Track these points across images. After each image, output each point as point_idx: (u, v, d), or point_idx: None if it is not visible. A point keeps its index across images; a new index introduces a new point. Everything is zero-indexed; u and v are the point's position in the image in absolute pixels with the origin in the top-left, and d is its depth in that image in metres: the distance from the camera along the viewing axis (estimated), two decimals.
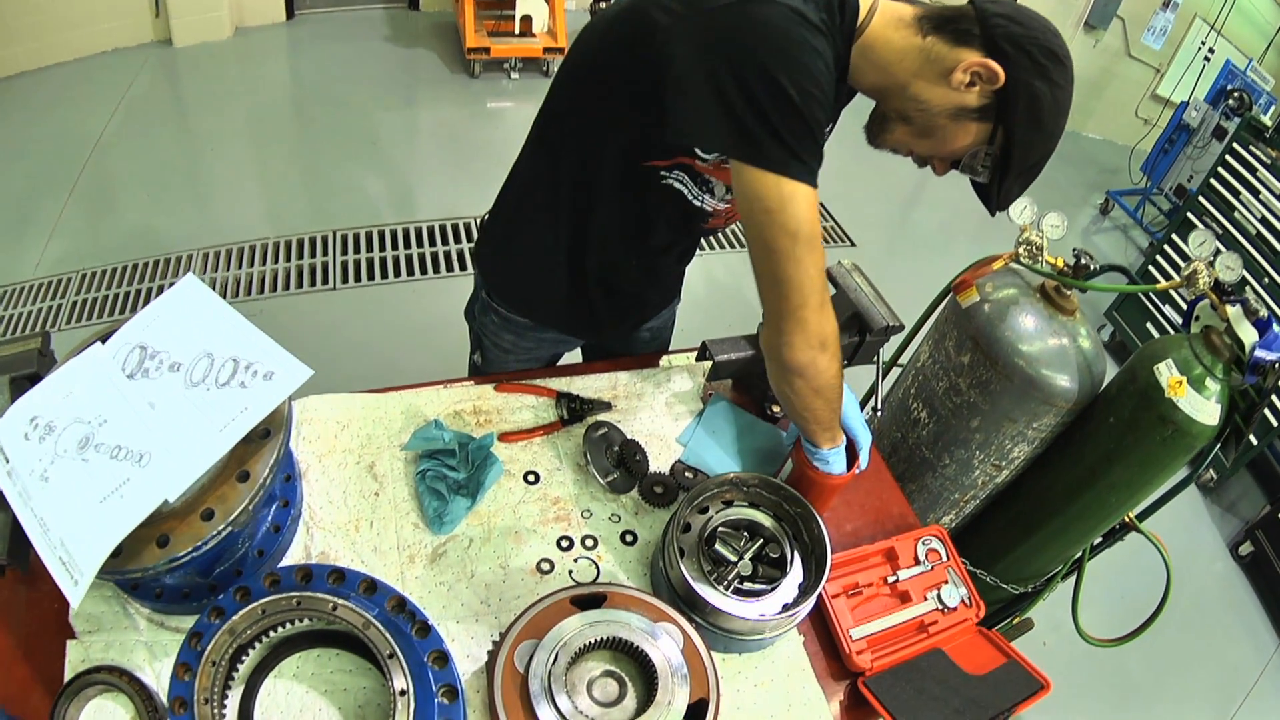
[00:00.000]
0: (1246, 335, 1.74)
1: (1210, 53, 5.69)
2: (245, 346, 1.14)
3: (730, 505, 1.43)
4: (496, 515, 1.44)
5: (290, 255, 3.74)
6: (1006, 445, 2.02)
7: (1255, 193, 3.66)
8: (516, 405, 1.63)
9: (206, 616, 1.07)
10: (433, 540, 1.39)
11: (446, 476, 1.42)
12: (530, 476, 1.51)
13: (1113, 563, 2.31)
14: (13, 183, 3.80)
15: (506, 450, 1.54)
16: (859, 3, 1.23)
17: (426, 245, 3.93)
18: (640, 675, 1.14)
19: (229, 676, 1.07)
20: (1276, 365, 1.68)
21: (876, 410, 1.66)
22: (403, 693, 1.03)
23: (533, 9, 5.10)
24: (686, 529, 1.38)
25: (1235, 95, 4.65)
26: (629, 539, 1.46)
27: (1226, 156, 3.79)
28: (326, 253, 3.79)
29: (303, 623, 1.11)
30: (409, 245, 3.92)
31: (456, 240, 3.98)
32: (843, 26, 1.21)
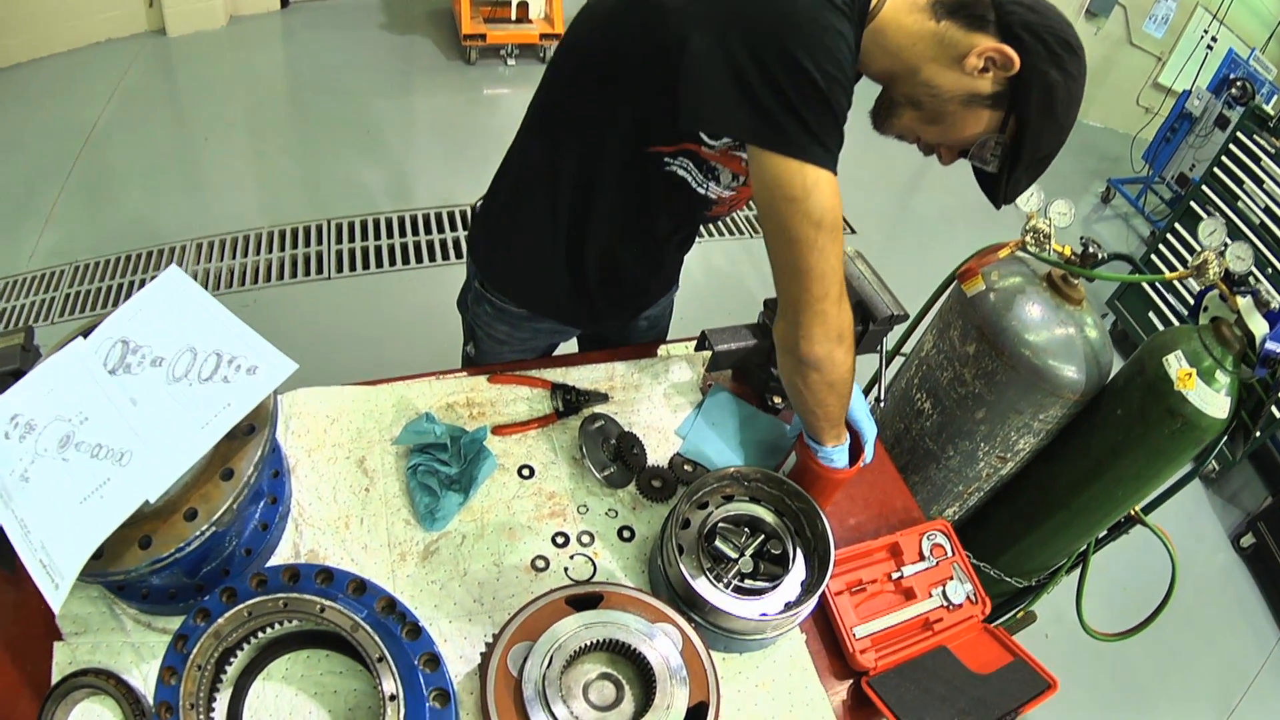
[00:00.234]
0: (1258, 327, 1.71)
1: (1213, 41, 5.65)
2: (228, 340, 1.11)
3: (731, 500, 1.39)
4: (490, 511, 1.41)
5: (285, 244, 3.71)
6: (1012, 437, 1.99)
7: (1259, 182, 3.64)
8: (510, 397, 1.59)
9: (192, 619, 1.05)
10: (424, 537, 1.35)
11: (438, 471, 1.38)
12: (525, 471, 1.48)
13: (1114, 555, 2.29)
14: (6, 175, 3.76)
15: (500, 444, 1.50)
16: None
17: (422, 233, 3.90)
18: (638, 678, 1.11)
19: (216, 679, 1.05)
20: None
21: (880, 401, 1.63)
22: (392, 697, 1.00)
23: None
24: (686, 525, 1.34)
25: (1238, 84, 4.61)
26: (626, 535, 1.43)
27: (1230, 146, 3.76)
28: (321, 242, 3.76)
29: (291, 623, 1.08)
30: (404, 233, 3.89)
31: (453, 228, 3.95)
32: (856, 9, 1.17)
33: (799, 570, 1.33)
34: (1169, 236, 4.01)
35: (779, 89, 1.04)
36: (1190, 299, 3.74)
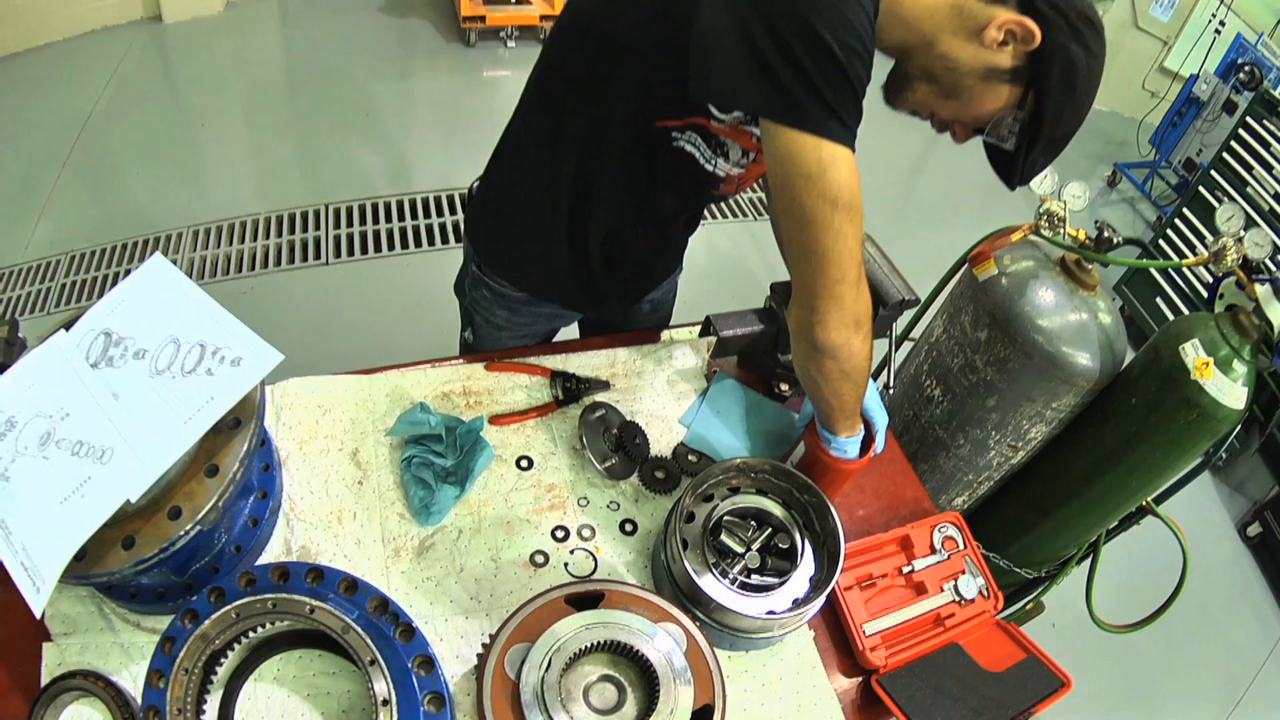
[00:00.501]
0: (1276, 315, 1.67)
1: (1221, 25, 5.58)
2: (213, 330, 1.07)
3: (737, 492, 1.35)
4: (487, 504, 1.36)
5: (282, 230, 3.67)
6: (1024, 426, 1.95)
7: (1269, 167, 3.59)
8: (508, 385, 1.54)
9: (179, 620, 1.01)
10: (419, 532, 1.31)
11: (433, 464, 1.34)
12: (523, 462, 1.43)
13: (1120, 544, 2.25)
14: (1, 167, 3.73)
15: (498, 434, 1.45)
16: None
17: (421, 217, 3.86)
18: (641, 679, 1.07)
19: (207, 681, 1.02)
20: None
21: (889, 388, 1.58)
22: (385, 702, 0.96)
23: None
24: (690, 518, 1.30)
25: (1246, 69, 4.56)
26: (628, 528, 1.38)
27: (1240, 130, 3.72)
28: (319, 227, 3.72)
29: (281, 623, 1.03)
30: (403, 218, 3.85)
31: (452, 211, 3.91)
32: None
33: (807, 565, 1.28)
34: (1177, 221, 3.96)
35: (794, 60, 0.98)
36: (1199, 285, 3.70)
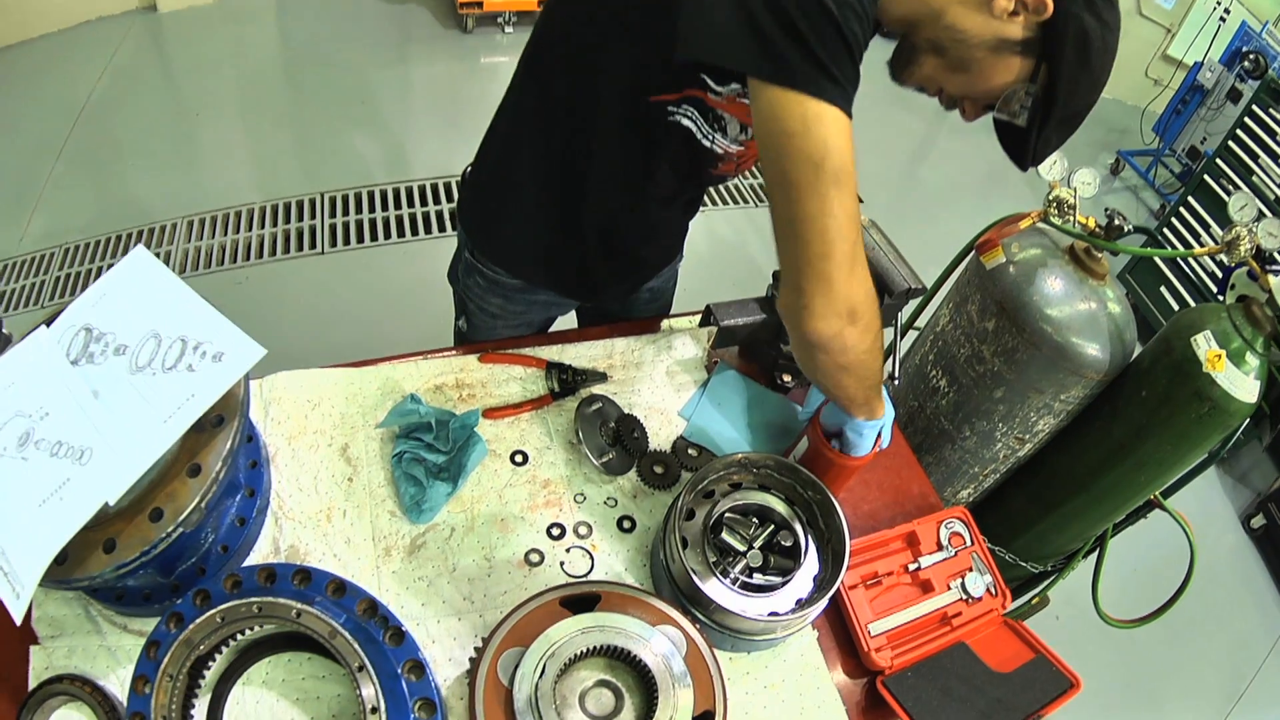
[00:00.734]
0: None
1: (1226, 13, 5.54)
2: (194, 324, 1.03)
3: (738, 488, 1.31)
4: (480, 501, 1.32)
5: (278, 219, 3.64)
6: (1031, 418, 1.91)
7: (1275, 156, 3.55)
8: (502, 377, 1.50)
9: (164, 624, 0.98)
10: (411, 530, 1.27)
11: (424, 459, 1.30)
12: (518, 457, 1.39)
13: (1124, 536, 2.23)
14: None
15: (491, 428, 1.41)
16: None
17: (418, 205, 3.83)
18: (639, 685, 1.03)
19: (194, 685, 1.00)
20: None
21: (894, 379, 1.53)
22: (374, 710, 0.92)
23: None
24: (690, 516, 1.26)
25: (1250, 57, 4.52)
26: (626, 525, 1.34)
27: (1245, 119, 3.68)
28: (315, 216, 3.69)
29: (267, 627, 1.00)
30: (400, 206, 3.81)
31: (449, 199, 3.87)
32: None
33: (811, 564, 1.24)
34: (1181, 210, 3.93)
35: (783, 13, 0.92)
36: (1204, 274, 3.67)
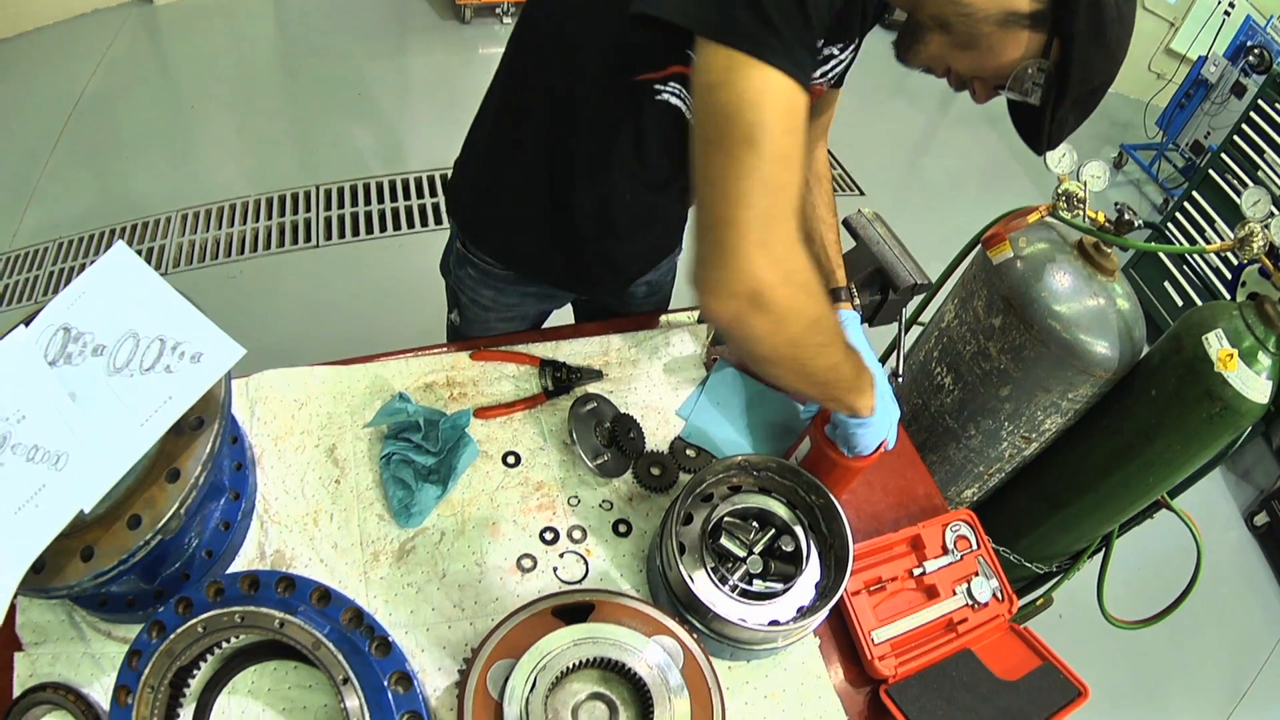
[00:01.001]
0: None
1: (1230, 7, 5.49)
2: (173, 323, 1.00)
3: (738, 491, 1.26)
4: (471, 504, 1.28)
5: (273, 213, 3.61)
6: (1038, 416, 1.87)
7: None
8: (494, 375, 1.46)
9: (146, 632, 0.95)
10: (399, 534, 1.23)
11: (413, 461, 1.25)
12: (510, 458, 1.35)
13: (1127, 535, 2.20)
14: None
15: (483, 428, 1.37)
16: None
17: (414, 197, 3.80)
18: (634, 697, 0.99)
19: (179, 694, 0.97)
20: None
21: (898, 376, 1.49)
22: None
23: None
24: (688, 520, 1.21)
25: (1255, 52, 4.49)
26: (622, 529, 1.30)
27: (1251, 113, 3.64)
28: (310, 209, 3.66)
29: (250, 636, 0.97)
30: (396, 198, 3.78)
31: (446, 191, 3.82)
32: None
33: (813, 570, 1.20)
34: (1186, 205, 3.88)
35: None
36: (1209, 270, 3.63)
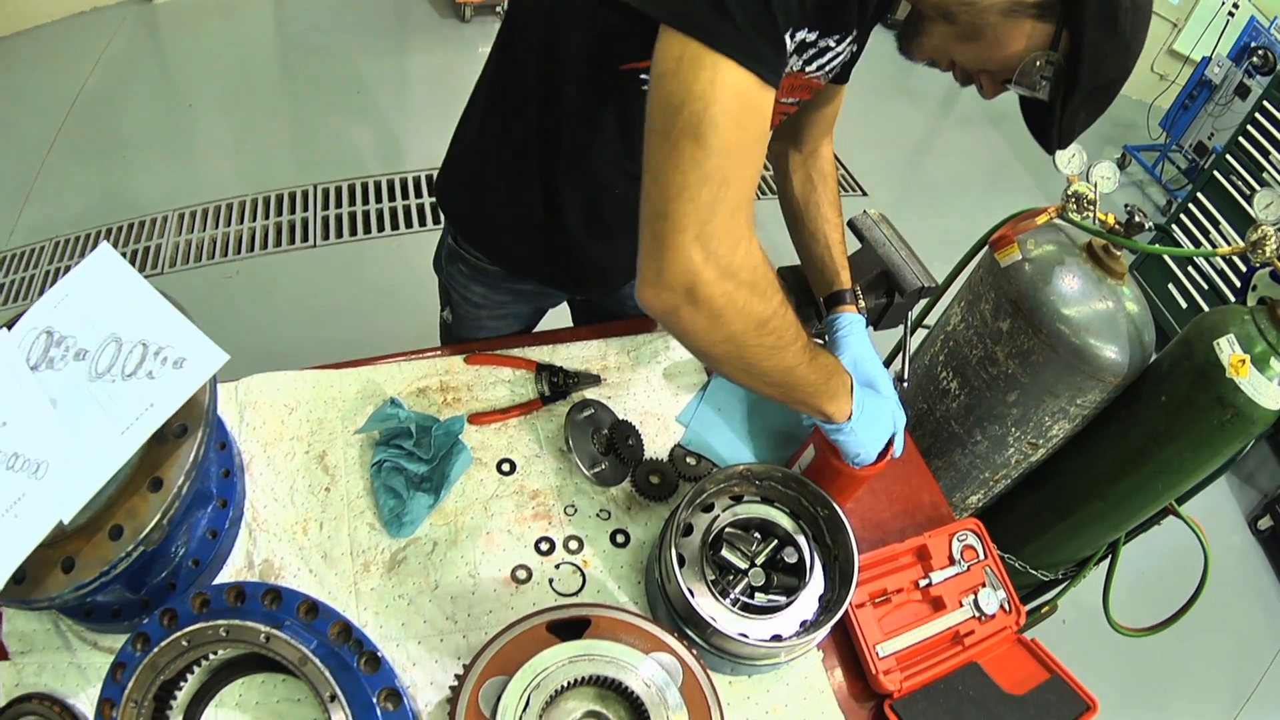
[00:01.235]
0: None
1: (1234, 8, 5.48)
2: (156, 328, 0.97)
3: (740, 501, 1.23)
4: (465, 513, 1.25)
5: (270, 212, 3.60)
6: (1046, 422, 1.84)
7: None
8: (489, 380, 1.42)
9: (130, 645, 0.92)
10: (391, 544, 1.20)
11: (405, 469, 1.22)
12: (504, 466, 1.32)
13: (1132, 540, 2.16)
14: None
15: (477, 434, 1.34)
16: None
17: (413, 197, 3.78)
18: (630, 716, 0.95)
19: (165, 707, 0.95)
20: None
21: (903, 380, 1.45)
22: None
23: None
24: (688, 531, 1.18)
25: (1259, 53, 4.49)
26: (620, 539, 1.27)
27: (1256, 115, 3.62)
28: (308, 208, 3.64)
29: (236, 649, 0.94)
30: (394, 197, 3.76)
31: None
32: None
33: (817, 583, 1.17)
34: (1190, 206, 3.86)
35: None
36: (1213, 272, 3.61)
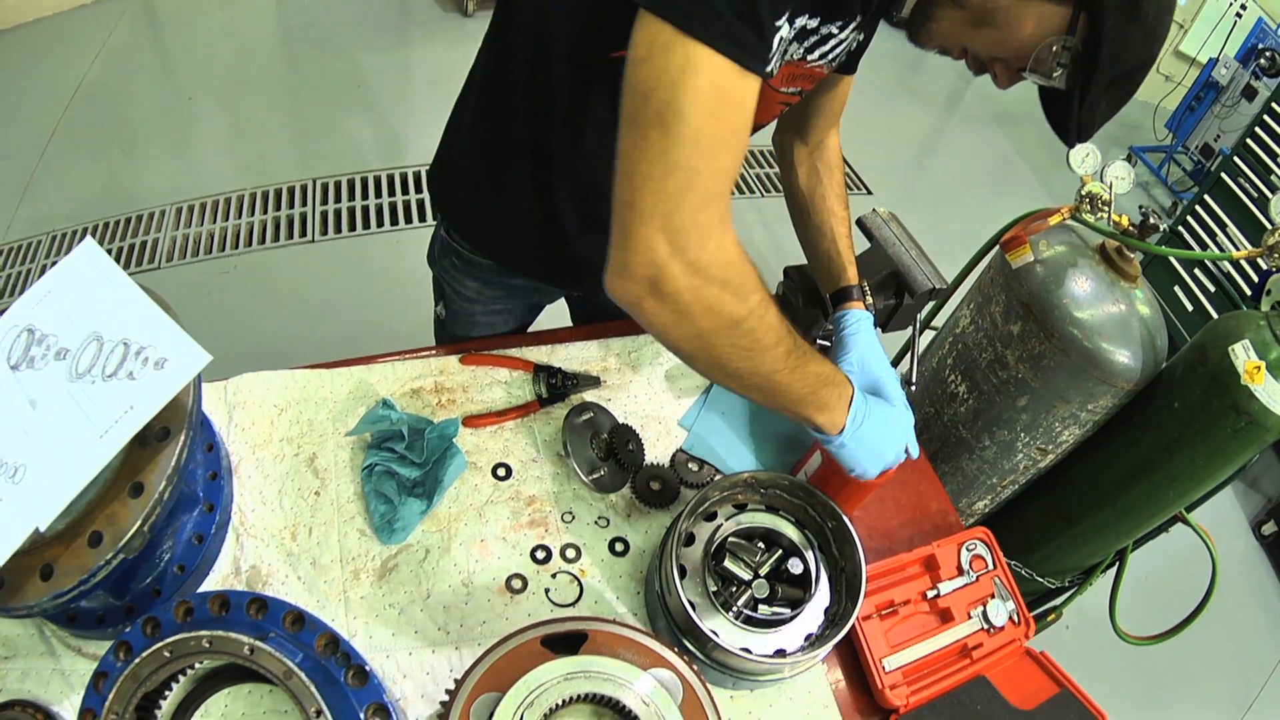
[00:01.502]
0: None
1: (1242, 9, 5.45)
2: (138, 327, 0.94)
3: (743, 510, 1.19)
4: (458, 519, 1.21)
5: (268, 206, 3.57)
6: (1056, 428, 1.80)
7: None
8: (485, 381, 1.39)
9: (112, 654, 0.89)
10: (382, 551, 1.16)
11: (396, 474, 1.19)
12: (500, 470, 1.28)
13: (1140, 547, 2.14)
14: None
15: (472, 437, 1.30)
16: None
17: (413, 192, 3.75)
18: None
19: (147, 718, 0.91)
20: None
21: (910, 383, 1.41)
22: None
23: None
24: (690, 540, 1.14)
25: (1267, 55, 4.47)
26: (619, 548, 1.23)
27: (1264, 117, 3.60)
28: (306, 203, 3.61)
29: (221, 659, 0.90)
30: (394, 193, 3.74)
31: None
32: None
33: (822, 595, 1.13)
34: (1197, 208, 3.84)
35: None
36: (1220, 276, 3.58)
